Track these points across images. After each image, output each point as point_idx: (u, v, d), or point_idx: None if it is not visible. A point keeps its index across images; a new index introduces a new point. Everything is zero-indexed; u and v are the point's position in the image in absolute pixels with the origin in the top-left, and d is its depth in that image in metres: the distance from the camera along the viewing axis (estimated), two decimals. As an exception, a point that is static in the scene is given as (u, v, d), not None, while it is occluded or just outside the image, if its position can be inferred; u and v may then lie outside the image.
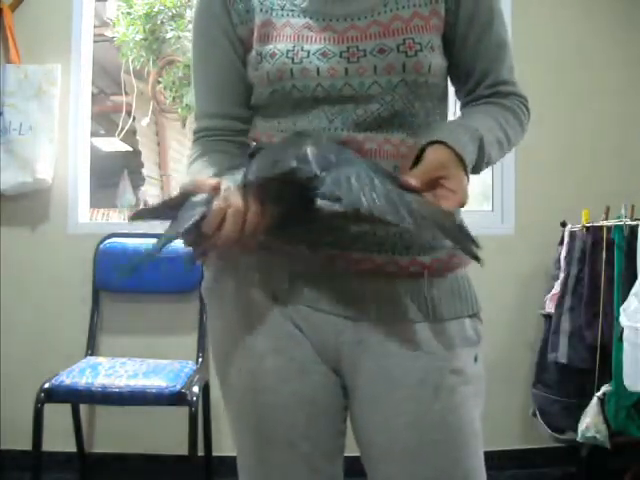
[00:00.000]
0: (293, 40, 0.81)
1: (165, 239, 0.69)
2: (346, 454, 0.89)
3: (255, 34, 0.85)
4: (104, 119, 5.31)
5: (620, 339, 1.85)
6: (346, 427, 0.88)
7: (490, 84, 0.88)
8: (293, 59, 0.80)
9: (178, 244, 0.70)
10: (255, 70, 0.84)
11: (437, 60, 0.82)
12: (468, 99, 0.91)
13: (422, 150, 0.74)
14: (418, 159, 0.73)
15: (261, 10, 0.85)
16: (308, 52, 0.80)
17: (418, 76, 0.80)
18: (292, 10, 0.84)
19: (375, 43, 0.79)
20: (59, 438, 2.18)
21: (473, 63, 0.87)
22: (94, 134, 4.43)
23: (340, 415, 0.87)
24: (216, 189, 0.68)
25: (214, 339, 0.90)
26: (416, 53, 0.79)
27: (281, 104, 0.83)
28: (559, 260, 2.20)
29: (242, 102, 0.90)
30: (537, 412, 2.18)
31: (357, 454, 0.86)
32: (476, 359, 0.84)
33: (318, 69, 0.79)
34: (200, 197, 0.68)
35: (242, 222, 0.68)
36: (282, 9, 0.84)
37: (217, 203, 0.68)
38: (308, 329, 0.82)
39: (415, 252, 0.81)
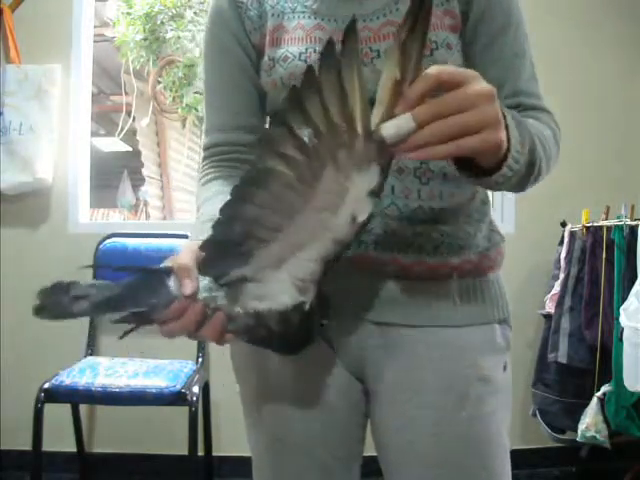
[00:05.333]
0: (305, 42, 0.79)
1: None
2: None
3: (267, 39, 0.83)
4: (104, 119, 5.31)
5: (620, 339, 1.85)
6: (365, 433, 0.86)
7: (509, 94, 0.80)
8: (306, 61, 0.78)
9: (180, 245, 0.68)
10: (268, 76, 0.82)
11: (455, 58, 0.78)
12: None
13: None
14: None
15: (273, 14, 0.83)
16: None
17: None
18: (303, 12, 0.82)
19: (388, 43, 0.76)
20: (59, 438, 2.18)
21: (485, 72, 0.78)
22: (94, 134, 4.44)
23: (360, 421, 0.84)
24: (193, 297, 0.61)
25: (234, 353, 0.87)
26: (432, 52, 0.75)
27: None
28: (559, 260, 2.20)
29: (255, 111, 0.87)
30: (537, 412, 2.18)
31: (373, 454, 0.84)
32: (505, 368, 0.80)
33: None
34: (174, 285, 0.62)
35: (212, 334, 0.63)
36: (293, 12, 0.82)
37: (190, 317, 0.61)
38: (333, 336, 0.78)
39: (444, 253, 0.77)
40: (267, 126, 0.90)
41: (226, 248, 0.61)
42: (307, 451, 0.82)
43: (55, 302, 0.61)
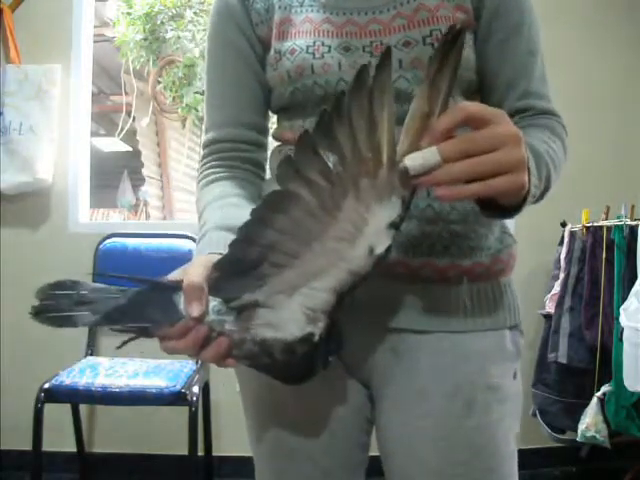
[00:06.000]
0: (313, 35, 0.78)
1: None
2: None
3: (274, 32, 0.81)
4: (104, 119, 5.32)
5: (620, 339, 1.85)
6: (370, 440, 0.85)
7: (520, 95, 0.79)
8: (314, 54, 0.76)
9: (180, 245, 0.66)
10: (274, 70, 0.80)
11: (467, 53, 0.76)
12: None
13: None
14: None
15: (280, 7, 0.81)
16: (329, 47, 0.76)
17: None
18: (311, 5, 0.80)
19: (400, 36, 0.75)
20: (59, 438, 2.18)
21: (497, 69, 0.79)
22: (94, 134, 4.44)
23: (364, 427, 0.83)
24: (199, 320, 0.59)
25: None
26: None
27: (303, 103, 0.79)
28: (559, 260, 2.20)
29: (258, 108, 0.85)
30: (537, 412, 2.18)
31: (374, 453, 0.83)
32: (515, 375, 0.79)
33: (340, 63, 0.75)
34: (182, 303, 0.60)
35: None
36: (301, 5, 0.81)
37: (193, 339, 0.59)
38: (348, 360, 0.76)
39: (454, 254, 0.75)
40: (272, 128, 0.89)
41: (240, 270, 0.59)
42: (310, 458, 0.80)
43: (56, 305, 0.59)
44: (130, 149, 5.33)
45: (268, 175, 0.90)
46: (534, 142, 0.69)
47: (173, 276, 0.62)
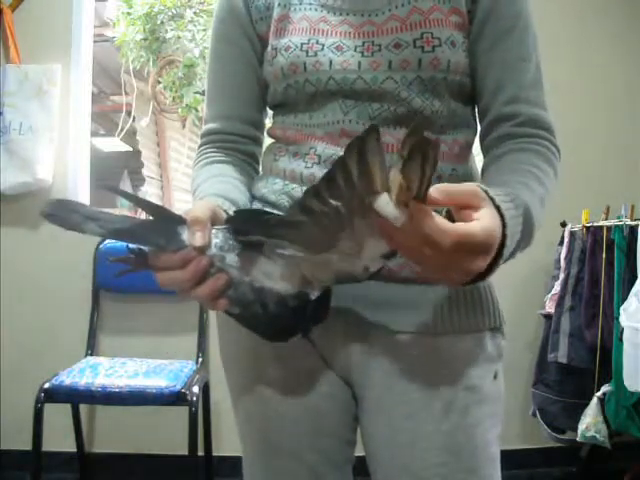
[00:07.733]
0: (309, 33, 0.80)
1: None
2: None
3: (272, 28, 0.83)
4: (104, 119, 5.32)
5: (620, 339, 1.85)
6: (356, 437, 0.85)
7: (507, 100, 0.78)
8: (307, 52, 0.78)
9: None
10: (270, 65, 0.82)
11: (458, 57, 0.77)
12: (486, 124, 0.81)
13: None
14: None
15: (279, 4, 0.83)
16: (323, 45, 0.78)
17: (435, 73, 0.76)
18: (310, 4, 0.82)
19: (391, 38, 0.76)
20: (59, 438, 2.18)
21: (485, 73, 0.79)
22: (94, 134, 4.44)
23: (350, 425, 0.83)
24: (202, 250, 0.60)
25: (224, 352, 0.87)
26: (434, 49, 0.75)
27: (296, 100, 0.81)
28: (559, 260, 2.20)
29: (257, 104, 0.88)
30: (537, 412, 2.18)
31: (364, 454, 0.83)
32: (495, 376, 0.79)
33: (331, 62, 0.77)
34: (185, 235, 0.61)
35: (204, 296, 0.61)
36: (300, 3, 0.82)
37: (193, 269, 0.60)
38: (316, 338, 0.76)
39: None
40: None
41: (255, 221, 0.61)
42: (299, 458, 0.81)
43: (65, 214, 0.59)
44: (130, 149, 5.33)
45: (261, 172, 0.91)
46: (529, 195, 0.67)
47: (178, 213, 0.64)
